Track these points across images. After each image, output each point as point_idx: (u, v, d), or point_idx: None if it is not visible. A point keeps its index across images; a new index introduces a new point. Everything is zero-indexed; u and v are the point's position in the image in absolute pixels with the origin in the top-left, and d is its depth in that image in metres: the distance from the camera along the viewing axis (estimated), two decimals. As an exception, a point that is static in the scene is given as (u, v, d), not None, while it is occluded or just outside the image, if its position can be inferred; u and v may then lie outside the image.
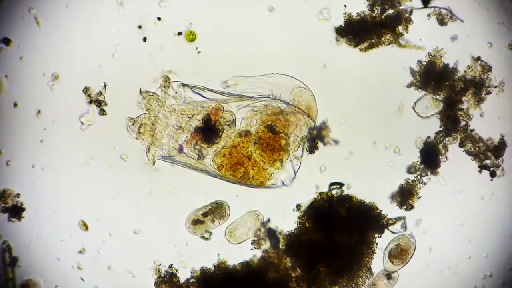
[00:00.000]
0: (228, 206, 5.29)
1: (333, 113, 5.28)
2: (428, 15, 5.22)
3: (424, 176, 5.31)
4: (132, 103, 5.20)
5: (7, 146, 5.29)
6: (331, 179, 5.34)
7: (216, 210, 5.18)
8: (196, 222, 5.18)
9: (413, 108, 5.31)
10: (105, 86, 5.15)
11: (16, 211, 5.30)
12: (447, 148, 5.31)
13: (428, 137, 5.32)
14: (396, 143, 5.35)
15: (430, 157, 5.29)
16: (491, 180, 5.36)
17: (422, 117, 5.30)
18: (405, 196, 5.31)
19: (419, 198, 5.32)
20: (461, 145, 5.32)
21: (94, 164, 5.32)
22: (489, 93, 5.27)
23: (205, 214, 5.16)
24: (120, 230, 5.38)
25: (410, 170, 5.33)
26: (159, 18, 5.14)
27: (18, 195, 5.31)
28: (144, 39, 5.09)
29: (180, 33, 5.02)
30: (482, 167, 5.34)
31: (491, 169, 5.34)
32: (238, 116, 5.17)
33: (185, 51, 5.25)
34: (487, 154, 5.33)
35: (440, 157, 5.30)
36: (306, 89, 5.21)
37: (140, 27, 5.12)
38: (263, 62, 5.25)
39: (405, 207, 5.31)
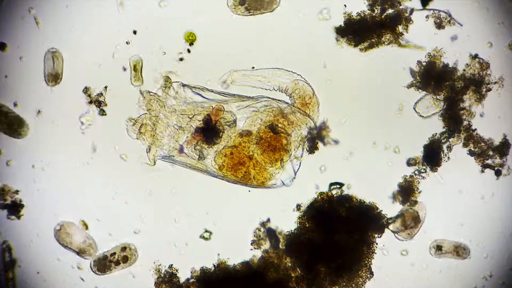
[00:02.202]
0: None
1: (333, 113, 5.28)
2: (427, 17, 5.23)
3: (423, 172, 5.31)
4: (133, 103, 5.20)
5: (7, 146, 5.29)
6: (331, 179, 5.34)
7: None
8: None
9: (414, 108, 5.31)
10: (105, 88, 5.15)
11: (15, 208, 5.29)
12: (451, 149, 5.31)
13: (434, 134, 5.32)
14: (396, 143, 5.36)
15: (433, 155, 5.29)
16: (497, 179, 5.37)
17: (423, 117, 5.31)
18: (406, 193, 5.31)
19: (420, 192, 5.32)
20: (465, 145, 5.32)
21: (94, 164, 5.32)
22: (489, 89, 5.28)
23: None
24: (120, 230, 5.38)
25: (409, 162, 5.32)
26: (134, 32, 5.16)
27: (17, 191, 5.31)
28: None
29: (135, 32, 5.08)
30: (485, 166, 5.34)
31: (496, 168, 5.34)
32: (239, 116, 5.18)
33: (185, 51, 5.25)
34: (489, 154, 5.33)
35: (442, 156, 5.30)
36: (306, 82, 5.21)
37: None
38: (263, 62, 5.25)
39: (408, 204, 5.31)
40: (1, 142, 5.28)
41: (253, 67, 5.19)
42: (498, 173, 5.37)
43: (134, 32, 5.13)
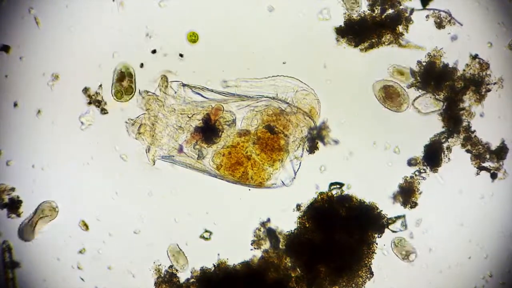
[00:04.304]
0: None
1: (333, 113, 5.28)
2: (427, 17, 5.23)
3: (423, 172, 5.32)
4: (132, 103, 5.21)
5: (7, 146, 5.29)
6: (331, 179, 5.34)
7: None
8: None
9: (413, 104, 5.30)
10: (100, 86, 5.15)
11: (14, 206, 5.29)
12: (451, 149, 5.31)
13: (436, 134, 5.32)
14: (396, 143, 5.36)
15: (433, 155, 5.29)
16: (492, 181, 5.37)
17: (422, 113, 5.30)
18: (406, 194, 5.31)
19: (420, 193, 5.33)
20: (463, 145, 5.32)
21: (94, 164, 5.32)
22: (489, 90, 5.28)
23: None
24: (120, 230, 5.38)
25: (410, 162, 5.33)
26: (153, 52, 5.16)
27: (13, 188, 5.30)
28: (153, 51, 5.13)
29: (154, 51, 5.09)
30: (481, 168, 5.34)
31: (492, 171, 5.34)
32: (238, 116, 5.18)
33: (185, 51, 5.25)
34: (486, 157, 5.33)
35: (442, 156, 5.30)
36: (310, 92, 5.22)
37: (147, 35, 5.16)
38: (263, 62, 5.25)
39: (409, 205, 5.31)
40: (1, 142, 5.28)
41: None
42: (493, 176, 5.37)
43: (153, 52, 5.15)
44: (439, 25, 5.21)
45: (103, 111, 5.24)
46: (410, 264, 5.41)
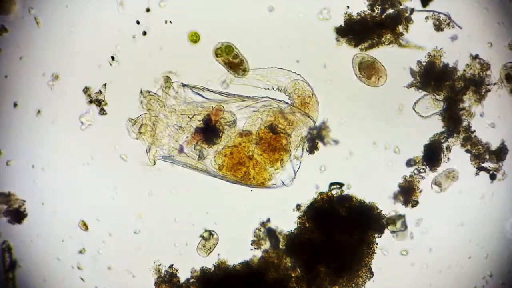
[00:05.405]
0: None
1: (333, 113, 5.28)
2: (426, 18, 5.22)
3: (423, 171, 5.32)
4: (133, 103, 5.21)
5: (7, 146, 5.29)
6: (331, 179, 5.34)
7: None
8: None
9: (413, 108, 5.31)
10: (104, 85, 5.15)
11: (18, 216, 5.29)
12: (450, 149, 5.31)
13: (435, 135, 5.33)
14: (396, 143, 5.36)
15: (433, 155, 5.29)
16: (491, 182, 5.37)
17: (423, 116, 5.30)
18: (407, 193, 5.31)
19: (421, 191, 5.33)
20: (463, 145, 5.33)
21: (94, 164, 5.32)
22: (489, 90, 5.28)
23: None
24: (120, 230, 5.38)
25: (409, 163, 5.33)
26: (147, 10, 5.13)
27: (23, 201, 5.31)
28: (144, 33, 5.09)
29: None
30: (480, 169, 5.34)
31: (491, 172, 5.34)
32: (239, 116, 5.18)
33: (185, 51, 5.25)
34: (486, 157, 5.33)
35: (442, 156, 5.30)
36: (305, 82, 5.21)
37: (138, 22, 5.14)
38: (263, 62, 5.25)
39: (410, 204, 5.31)
40: (1, 142, 5.28)
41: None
42: (493, 177, 5.37)
43: (137, 23, 5.12)
44: (438, 27, 5.20)
45: (102, 112, 5.24)
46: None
